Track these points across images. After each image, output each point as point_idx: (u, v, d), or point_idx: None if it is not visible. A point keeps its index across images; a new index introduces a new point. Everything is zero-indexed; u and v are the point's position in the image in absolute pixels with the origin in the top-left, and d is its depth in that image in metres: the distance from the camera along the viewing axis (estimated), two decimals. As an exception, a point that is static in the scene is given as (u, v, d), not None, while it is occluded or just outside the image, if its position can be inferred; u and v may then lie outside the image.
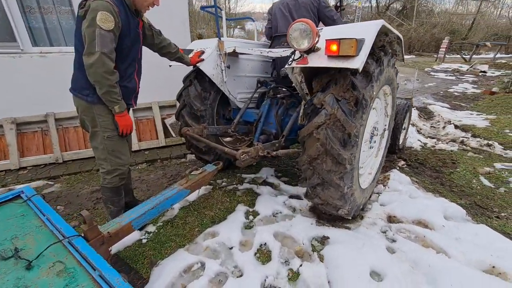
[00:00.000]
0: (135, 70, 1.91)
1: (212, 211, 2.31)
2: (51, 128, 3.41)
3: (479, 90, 8.61)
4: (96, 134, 1.84)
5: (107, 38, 1.56)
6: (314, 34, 1.57)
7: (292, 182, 2.87)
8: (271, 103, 2.64)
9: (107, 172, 1.91)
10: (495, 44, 16.42)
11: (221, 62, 2.55)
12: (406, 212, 2.27)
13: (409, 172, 3.20)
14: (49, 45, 3.44)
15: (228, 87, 2.72)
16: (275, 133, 2.55)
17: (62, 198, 2.62)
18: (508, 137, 4.25)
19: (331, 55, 1.58)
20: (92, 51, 1.55)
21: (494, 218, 2.35)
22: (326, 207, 1.97)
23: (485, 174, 3.08)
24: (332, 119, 1.67)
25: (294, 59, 1.73)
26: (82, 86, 1.73)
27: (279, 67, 2.62)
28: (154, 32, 2.10)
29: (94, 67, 1.56)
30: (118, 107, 1.72)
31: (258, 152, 1.99)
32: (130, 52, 1.80)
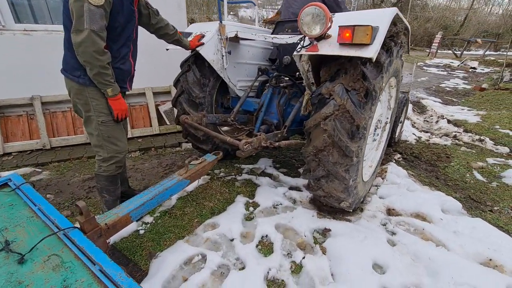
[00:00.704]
0: (130, 51, 1.78)
1: (211, 202, 2.26)
2: (37, 112, 3.22)
3: (469, 86, 8.78)
4: (90, 119, 1.73)
5: (96, 15, 1.44)
6: (327, 20, 1.49)
7: (291, 173, 2.84)
8: (273, 92, 2.56)
9: (103, 159, 1.82)
10: (485, 41, 16.70)
11: (222, 47, 2.43)
12: (405, 205, 2.29)
13: (405, 165, 3.22)
14: (33, 22, 3.20)
15: (228, 74, 2.61)
16: (277, 123, 2.49)
17: (52, 187, 2.49)
18: (498, 133, 4.35)
19: (344, 43, 1.50)
20: (80, 28, 1.43)
21: (488, 211, 2.41)
22: (329, 199, 1.95)
23: (478, 169, 3.14)
24: (341, 110, 1.63)
25: (303, 46, 1.64)
26: (73, 67, 1.62)
27: (282, 55, 2.52)
28: (151, 11, 1.95)
29: (83, 46, 1.45)
30: (111, 90, 1.62)
31: (261, 142, 1.93)
32: (123, 31, 1.67)
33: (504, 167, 3.16)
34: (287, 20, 2.66)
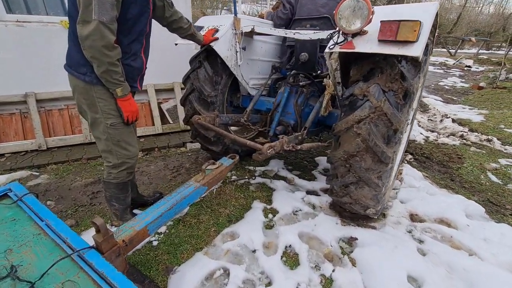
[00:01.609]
0: (142, 46, 1.61)
1: (227, 209, 2.12)
2: (31, 110, 3.00)
3: (467, 85, 8.83)
4: (97, 122, 1.56)
5: (107, 4, 1.28)
6: (369, 13, 1.35)
7: (305, 176, 2.72)
8: (290, 92, 2.41)
9: (113, 166, 1.66)
10: (478, 40, 16.92)
11: (236, 42, 2.29)
12: (428, 210, 2.21)
13: (418, 167, 3.15)
14: (27, 12, 2.96)
15: (241, 71, 2.45)
16: (294, 124, 2.36)
17: (52, 192, 2.31)
18: (504, 132, 4.34)
19: (385, 40, 1.37)
20: (87, 19, 1.27)
21: (509, 215, 2.35)
22: (355, 206, 1.84)
23: (492, 170, 3.10)
24: (377, 113, 1.50)
25: (337, 43, 1.51)
26: (79, 63, 1.44)
27: (298, 52, 2.39)
28: (166, 3, 1.78)
29: (91, 39, 1.29)
30: (121, 90, 1.47)
31: (283, 145, 1.81)
32: (136, 24, 1.50)
33: (517, 168, 3.12)
34: (304, 17, 2.54)
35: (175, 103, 3.81)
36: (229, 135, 2.04)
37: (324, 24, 2.52)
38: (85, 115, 1.61)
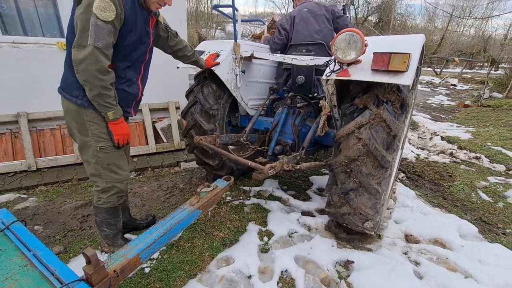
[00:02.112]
0: (140, 73, 1.64)
1: (222, 232, 2.08)
2: (22, 130, 2.95)
3: (453, 103, 9.16)
4: (87, 145, 1.54)
5: (103, 30, 1.29)
6: (363, 46, 1.46)
7: (300, 197, 2.72)
8: (287, 112, 2.50)
9: (102, 190, 1.62)
10: (462, 60, 17.75)
11: (236, 66, 2.39)
12: (422, 230, 2.22)
13: (410, 185, 3.20)
14: (23, 34, 2.99)
15: (240, 93, 2.55)
16: (292, 144, 2.41)
17: (40, 216, 2.23)
18: (491, 150, 4.46)
19: (377, 69, 1.46)
20: (83, 43, 1.29)
21: (501, 234, 2.37)
22: (353, 217, 1.80)
23: (483, 188, 3.16)
24: (377, 119, 1.58)
25: (333, 71, 1.60)
26: (72, 86, 1.45)
27: (295, 75, 2.48)
28: (171, 34, 1.86)
29: (85, 63, 1.30)
30: (113, 113, 1.46)
31: (283, 166, 1.83)
32: (133, 51, 1.53)
33: (506, 186, 3.19)
34: (300, 43, 2.69)
35: (169, 122, 3.82)
36: (231, 156, 2.07)
37: (318, 49, 2.67)
38: (75, 138, 1.59)
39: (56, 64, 2.99)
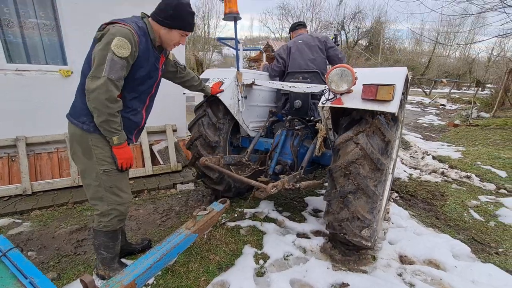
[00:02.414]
0: (144, 104, 1.75)
1: (217, 255, 2.08)
2: (20, 154, 2.98)
3: (443, 122, 9.44)
4: (90, 169, 1.60)
5: (117, 65, 1.43)
6: (353, 79, 1.67)
7: (295, 218, 2.74)
8: (286, 134, 2.67)
9: (103, 213, 1.65)
10: (449, 81, 18.48)
11: (239, 92, 2.58)
12: (416, 251, 2.24)
13: (403, 205, 3.25)
14: (26, 62, 3.11)
15: (242, 117, 2.74)
16: (291, 164, 2.56)
17: (34, 241, 2.21)
18: (481, 169, 4.58)
19: (367, 98, 1.66)
20: (98, 75, 1.41)
21: (494, 254, 2.40)
22: (351, 224, 1.85)
23: (474, 207, 3.22)
24: (373, 128, 1.77)
25: (328, 99, 1.81)
26: (80, 113, 1.55)
27: (293, 100, 2.69)
28: (179, 69, 2.04)
29: (97, 92, 1.41)
30: (117, 138, 1.54)
31: (285, 184, 1.97)
32: (142, 84, 1.65)
33: (496, 205, 3.26)
34: (296, 71, 2.94)
35: (166, 145, 3.89)
36: (235, 176, 2.24)
37: (314, 77, 2.89)
38: (78, 162, 1.64)
39: (57, 90, 3.10)
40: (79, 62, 3.11)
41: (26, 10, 2.99)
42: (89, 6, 3.06)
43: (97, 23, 3.31)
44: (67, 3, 2.97)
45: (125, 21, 1.49)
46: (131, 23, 1.50)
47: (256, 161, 2.85)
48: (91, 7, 3.07)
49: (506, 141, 6.40)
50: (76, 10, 3.02)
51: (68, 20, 3.03)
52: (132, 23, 1.50)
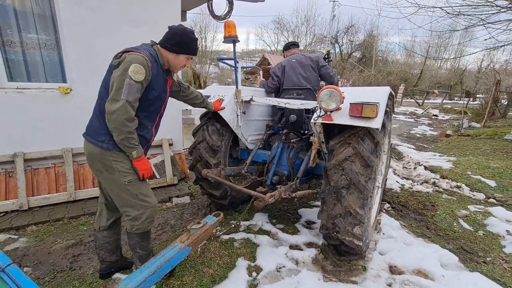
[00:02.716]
0: (154, 123, 1.91)
1: (211, 268, 2.12)
2: (18, 170, 3.03)
3: (435, 132, 9.64)
4: (115, 181, 1.74)
5: (134, 88, 1.59)
6: (341, 98, 1.88)
7: (288, 230, 2.80)
8: (283, 147, 2.83)
9: (134, 218, 1.81)
10: (441, 92, 18.93)
11: (238, 108, 2.75)
12: (406, 261, 2.30)
13: (395, 215, 3.32)
14: (27, 80, 3.21)
15: (241, 130, 2.89)
16: (287, 174, 2.71)
17: (30, 257, 2.23)
18: (471, 178, 4.68)
19: (353, 115, 1.87)
20: (117, 98, 1.56)
21: (482, 263, 2.47)
22: (344, 220, 1.97)
23: (463, 217, 3.30)
24: (364, 131, 1.96)
25: (320, 116, 2.01)
26: (98, 133, 1.70)
27: (288, 115, 2.91)
28: (183, 88, 2.20)
29: (116, 113, 1.56)
30: (136, 152, 1.69)
31: (281, 194, 2.13)
32: (152, 105, 1.80)
33: (485, 214, 3.34)
34: (291, 87, 3.16)
35: (163, 158, 3.95)
36: (235, 186, 2.41)
37: (307, 93, 3.09)
38: (101, 177, 1.79)
39: (56, 107, 3.19)
40: (78, 79, 3.26)
41: (28, 31, 3.12)
42: (89, 27, 3.19)
43: (96, 42, 3.44)
44: (67, 25, 3.10)
45: (139, 49, 1.66)
46: (144, 51, 1.67)
47: (255, 172, 2.99)
48: (90, 28, 3.21)
49: (495, 150, 6.57)
50: (76, 31, 3.15)
51: (68, 40, 3.16)
52: (145, 51, 1.67)
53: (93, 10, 3.14)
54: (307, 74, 3.15)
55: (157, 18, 3.51)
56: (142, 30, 3.43)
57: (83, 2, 3.09)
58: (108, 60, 1.70)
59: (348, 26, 29.75)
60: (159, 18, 3.52)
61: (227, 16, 4.29)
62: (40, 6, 3.11)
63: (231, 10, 4.24)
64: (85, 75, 3.28)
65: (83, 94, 3.29)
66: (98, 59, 3.25)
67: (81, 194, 3.29)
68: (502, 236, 2.89)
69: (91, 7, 3.13)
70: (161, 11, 3.54)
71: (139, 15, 3.40)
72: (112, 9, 3.23)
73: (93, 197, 3.30)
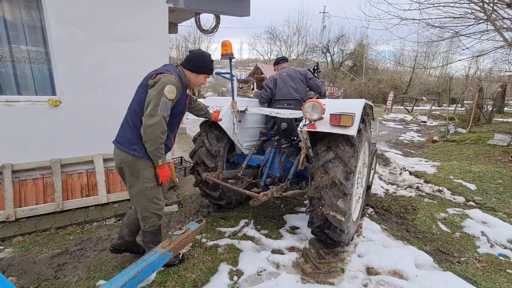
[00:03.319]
0: (174, 132, 2.18)
1: (194, 273, 2.19)
2: (5, 181, 3.07)
3: (423, 138, 9.87)
4: (137, 185, 2.01)
5: (168, 105, 1.87)
6: (322, 110, 2.19)
7: (272, 235, 2.88)
8: (275, 151, 3.13)
9: (147, 217, 2.08)
10: (429, 99, 19.41)
11: (234, 117, 3.05)
12: (383, 263, 2.40)
13: (378, 219, 3.43)
14: (16, 93, 3.28)
15: (237, 137, 3.18)
16: (279, 177, 3.00)
17: (15, 266, 2.27)
18: (453, 183, 4.84)
19: (333, 124, 2.19)
20: (154, 114, 1.82)
21: (456, 263, 2.58)
22: (330, 191, 2.27)
23: (442, 220, 3.42)
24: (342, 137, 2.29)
25: (305, 124, 2.33)
26: (131, 142, 1.95)
27: (279, 123, 3.22)
28: (192, 101, 2.48)
29: (153, 127, 1.82)
30: (161, 161, 1.96)
31: (273, 193, 2.46)
32: (175, 118, 2.07)
33: (463, 217, 3.47)
34: (282, 98, 3.47)
35: (151, 168, 4.02)
36: (232, 188, 2.70)
37: (297, 103, 3.36)
38: (126, 179, 2.06)
39: (45, 119, 3.26)
40: (67, 92, 3.35)
41: (19, 47, 3.22)
42: (78, 42, 3.30)
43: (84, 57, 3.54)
44: (58, 41, 3.21)
45: (169, 71, 1.94)
46: (174, 72, 1.95)
47: (250, 175, 3.27)
48: (79, 44, 3.31)
49: (478, 155, 6.78)
50: (66, 46, 3.26)
51: (58, 55, 3.26)
52: (174, 73, 1.95)
53: (82, 27, 3.26)
54: (297, 86, 3.47)
55: (144, 33, 3.65)
56: (130, 45, 3.56)
57: (73, 20, 3.21)
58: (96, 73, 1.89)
59: (338, 36, 30.52)
60: (146, 33, 3.66)
61: (215, 30, 4.46)
62: (31, 23, 3.22)
63: (218, 24, 4.41)
64: (74, 88, 3.38)
65: (72, 106, 3.38)
66: (86, 72, 3.36)
67: (69, 204, 3.33)
68: (477, 237, 3.01)
69: (80, 25, 3.26)
70: (149, 26, 3.68)
71: (126, 31, 3.53)
72: (100, 26, 3.36)
73: (81, 207, 3.34)
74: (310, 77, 3.56)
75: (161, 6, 3.66)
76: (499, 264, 2.57)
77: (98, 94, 3.49)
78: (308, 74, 3.56)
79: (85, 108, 3.46)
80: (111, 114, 3.56)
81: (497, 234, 3.00)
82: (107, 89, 3.52)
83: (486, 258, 2.65)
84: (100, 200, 3.48)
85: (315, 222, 2.41)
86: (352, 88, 24.84)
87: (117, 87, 3.52)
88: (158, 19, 3.78)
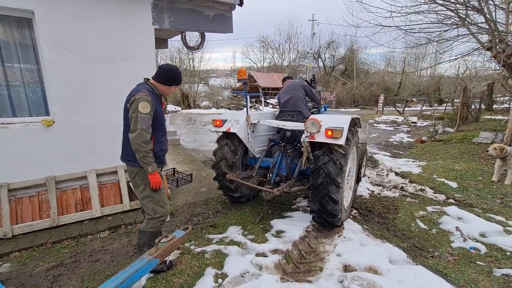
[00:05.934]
0: (164, 134, 2.48)
1: (181, 278, 2.34)
2: (2, 200, 3.21)
3: (412, 139, 10.11)
4: (146, 190, 2.33)
5: (145, 119, 2.15)
6: (319, 126, 2.90)
7: (258, 240, 3.03)
8: (282, 155, 3.79)
9: (153, 218, 2.36)
10: (419, 99, 19.79)
11: (248, 129, 3.76)
12: (360, 260, 2.56)
13: (361, 220, 3.60)
14: (11, 115, 3.46)
15: (251, 144, 3.87)
16: (286, 175, 3.64)
17: (13, 280, 2.40)
18: (436, 181, 5.04)
19: (328, 136, 2.86)
20: (135, 128, 2.13)
21: (430, 257, 2.75)
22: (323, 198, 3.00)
23: (420, 218, 3.60)
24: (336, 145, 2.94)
25: (306, 136, 2.99)
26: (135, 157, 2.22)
27: (285, 132, 3.83)
28: None
29: (135, 139, 2.13)
30: (151, 168, 2.22)
31: (284, 189, 3.17)
32: (161, 123, 2.38)
33: (440, 214, 3.66)
34: (286, 110, 4.11)
35: (144, 180, 4.18)
36: (250, 185, 3.49)
37: (299, 115, 3.98)
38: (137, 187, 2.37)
39: (39, 139, 3.43)
40: (60, 112, 3.53)
41: (13, 72, 3.42)
42: (69, 64, 3.50)
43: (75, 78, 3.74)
44: (50, 64, 3.41)
45: (140, 90, 2.21)
46: (145, 90, 2.23)
47: (261, 174, 3.94)
48: (70, 65, 3.52)
49: (462, 153, 7.01)
50: (58, 68, 3.46)
51: (50, 77, 3.46)
52: (145, 90, 2.23)
53: (72, 50, 3.47)
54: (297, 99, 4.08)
55: (132, 53, 3.87)
56: (118, 65, 3.77)
57: (64, 44, 3.42)
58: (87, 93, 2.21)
59: (329, 41, 31.17)
60: (134, 53, 3.88)
61: (200, 46, 4.70)
62: (24, 49, 3.43)
63: (203, 40, 4.66)
64: (66, 108, 3.56)
65: (65, 125, 3.56)
66: (78, 92, 3.56)
67: (64, 219, 3.47)
68: (452, 232, 3.19)
69: (71, 48, 3.47)
70: (136, 46, 3.90)
71: (114, 51, 3.75)
72: (89, 49, 3.57)
73: (76, 222, 3.49)
74: (309, 89, 4.28)
75: (147, 28, 3.90)
76: (469, 257, 2.74)
77: (89, 112, 3.68)
78: (307, 87, 4.26)
79: (78, 126, 3.63)
80: (103, 131, 3.76)
81: (470, 229, 3.18)
82: (98, 107, 3.71)
83: (458, 252, 2.82)
84: (94, 214, 3.62)
85: (315, 209, 3.10)
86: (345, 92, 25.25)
87: (107, 105, 3.71)
88: (145, 39, 4.00)
